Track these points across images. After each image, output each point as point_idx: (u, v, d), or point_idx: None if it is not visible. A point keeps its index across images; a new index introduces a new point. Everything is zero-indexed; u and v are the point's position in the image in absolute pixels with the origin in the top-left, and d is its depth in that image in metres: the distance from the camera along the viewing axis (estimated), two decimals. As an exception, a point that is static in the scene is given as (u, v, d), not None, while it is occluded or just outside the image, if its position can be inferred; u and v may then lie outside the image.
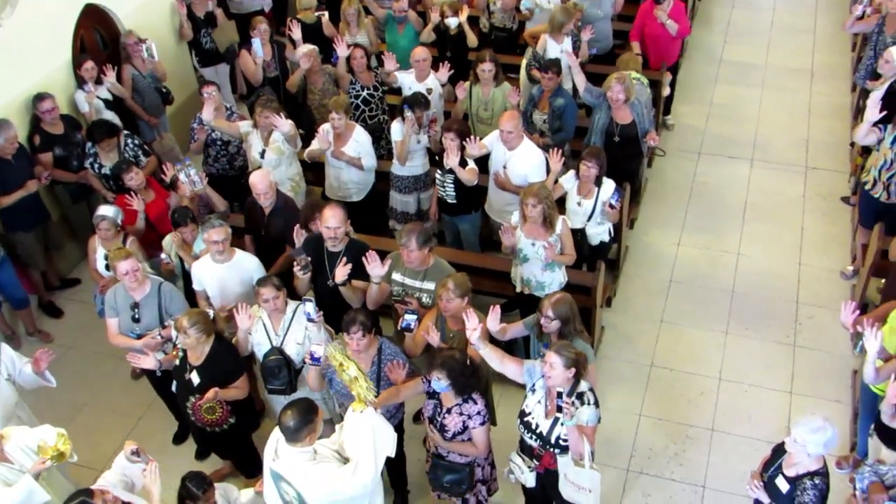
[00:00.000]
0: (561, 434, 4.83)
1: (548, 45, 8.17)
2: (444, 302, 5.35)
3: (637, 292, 7.81)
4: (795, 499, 4.58)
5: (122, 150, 7.44)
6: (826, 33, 11.43)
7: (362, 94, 7.99)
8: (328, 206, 5.94)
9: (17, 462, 4.94)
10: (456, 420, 5.04)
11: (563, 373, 4.72)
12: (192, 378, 5.42)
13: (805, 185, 8.91)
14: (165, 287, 5.95)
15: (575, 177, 6.74)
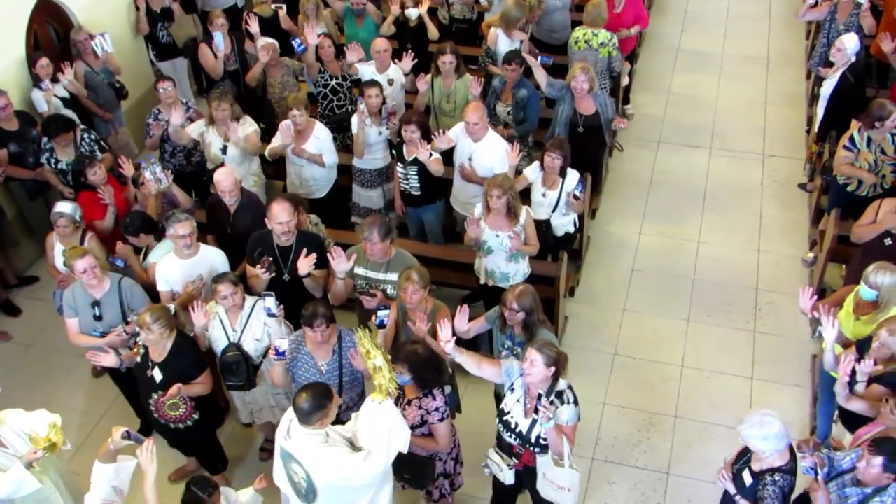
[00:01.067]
0: (541, 433, 4.82)
1: (499, 39, 8.14)
2: (408, 294, 5.33)
3: (600, 282, 7.83)
4: (757, 493, 4.61)
5: (79, 144, 7.30)
6: (781, 21, 11.52)
7: (331, 84, 7.93)
8: (275, 201, 5.84)
9: (11, 447, 4.89)
10: (414, 413, 5.02)
11: (543, 371, 4.70)
12: (154, 375, 5.34)
13: (763, 173, 8.99)
14: (125, 283, 5.85)
15: (539, 168, 6.73)
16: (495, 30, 8.22)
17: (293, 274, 5.88)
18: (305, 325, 5.18)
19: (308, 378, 5.32)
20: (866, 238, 6.18)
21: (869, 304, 5.36)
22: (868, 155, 6.81)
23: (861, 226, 6.27)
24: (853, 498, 4.41)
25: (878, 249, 5.97)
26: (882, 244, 6.07)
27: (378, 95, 7.05)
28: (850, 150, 6.88)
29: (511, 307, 5.21)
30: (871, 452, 4.25)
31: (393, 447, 4.55)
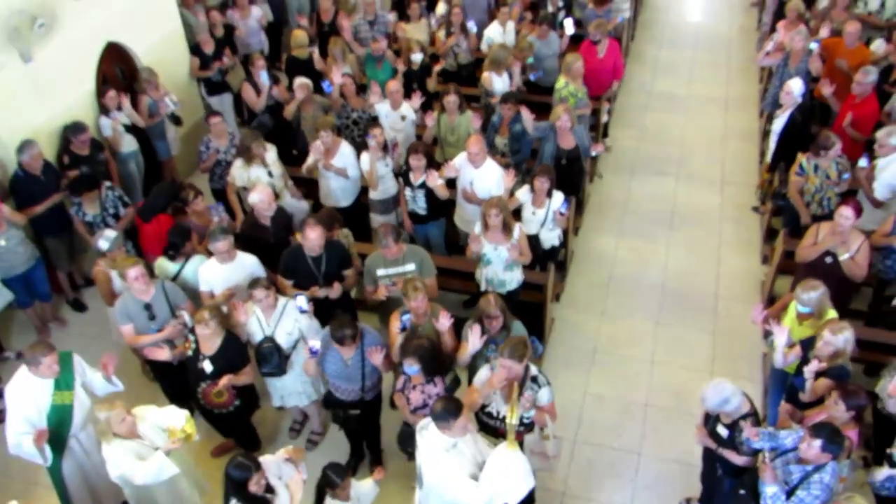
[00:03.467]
0: (524, 415, 4.87)
1: (493, 79, 8.23)
2: (418, 302, 5.35)
3: (582, 289, 7.86)
4: (735, 439, 4.75)
5: (104, 200, 7.07)
6: (738, 69, 11.53)
7: (353, 116, 8.01)
8: (308, 225, 5.95)
9: (148, 439, 4.98)
10: (418, 396, 5.13)
11: (517, 369, 4.79)
12: (204, 366, 5.41)
13: (721, 197, 9.00)
14: (168, 285, 5.94)
15: (529, 190, 6.79)
16: (488, 73, 8.32)
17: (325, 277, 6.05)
18: (336, 344, 5.23)
19: (336, 370, 5.41)
20: (810, 258, 6.14)
21: (806, 315, 5.40)
22: (815, 179, 6.86)
23: (804, 247, 6.24)
24: (796, 474, 4.44)
25: (820, 267, 5.98)
26: (823, 262, 6.06)
27: (382, 134, 7.09)
28: (800, 175, 6.95)
29: (493, 314, 5.26)
30: (811, 435, 4.28)
31: (501, 495, 4.50)
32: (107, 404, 4.87)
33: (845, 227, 5.93)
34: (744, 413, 4.77)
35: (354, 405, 5.59)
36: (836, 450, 4.29)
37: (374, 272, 6.02)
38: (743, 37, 12.39)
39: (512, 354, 4.72)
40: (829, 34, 8.67)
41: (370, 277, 6.07)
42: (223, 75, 9.27)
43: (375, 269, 6.02)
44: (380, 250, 5.98)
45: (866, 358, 6.02)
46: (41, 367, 4.99)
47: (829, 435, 4.27)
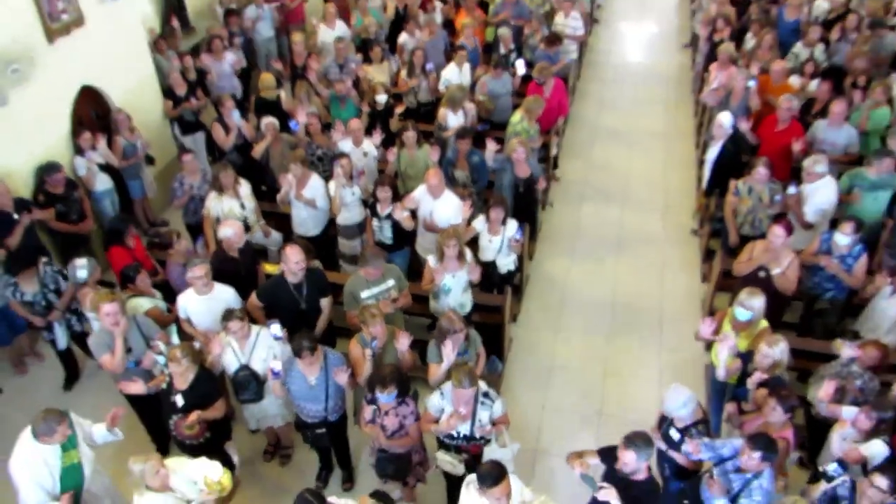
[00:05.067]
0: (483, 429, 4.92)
1: (448, 116, 8.28)
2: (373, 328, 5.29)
3: (538, 310, 7.87)
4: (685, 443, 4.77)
5: (42, 277, 6.39)
6: (674, 104, 11.75)
7: (318, 153, 7.98)
8: (289, 246, 5.92)
9: (180, 492, 4.75)
10: (393, 420, 5.03)
11: (473, 392, 4.80)
12: (176, 400, 5.25)
13: (663, 222, 9.12)
14: (140, 318, 5.79)
15: (485, 220, 6.81)
16: (444, 109, 8.38)
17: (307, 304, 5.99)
18: (295, 356, 5.19)
19: (300, 391, 5.33)
20: (745, 273, 6.28)
21: (743, 323, 5.47)
22: (748, 201, 7.00)
23: (740, 262, 6.38)
24: (737, 482, 4.46)
25: (754, 281, 6.07)
26: (757, 276, 6.18)
27: (348, 164, 7.10)
28: (735, 197, 7.09)
29: (455, 329, 5.25)
30: (751, 448, 4.32)
31: None
32: (142, 456, 4.64)
33: (777, 245, 6.05)
34: (696, 420, 4.82)
35: (320, 425, 5.51)
36: (773, 457, 4.34)
37: (357, 294, 5.96)
38: (678, 75, 12.67)
39: (470, 383, 4.75)
40: (758, 72, 8.91)
41: (353, 301, 5.99)
42: (196, 115, 9.19)
43: (359, 291, 5.96)
44: (360, 272, 5.94)
45: (799, 366, 6.09)
46: (56, 436, 4.75)
47: (766, 445, 4.32)
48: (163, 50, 9.38)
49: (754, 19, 10.28)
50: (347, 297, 6.03)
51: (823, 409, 5.07)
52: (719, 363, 5.39)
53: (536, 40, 10.20)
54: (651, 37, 14.37)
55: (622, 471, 4.41)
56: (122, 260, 6.53)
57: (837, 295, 6.52)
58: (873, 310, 6.25)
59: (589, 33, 13.33)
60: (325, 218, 7.50)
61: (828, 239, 6.36)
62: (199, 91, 9.15)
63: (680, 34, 14.18)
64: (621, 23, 14.93)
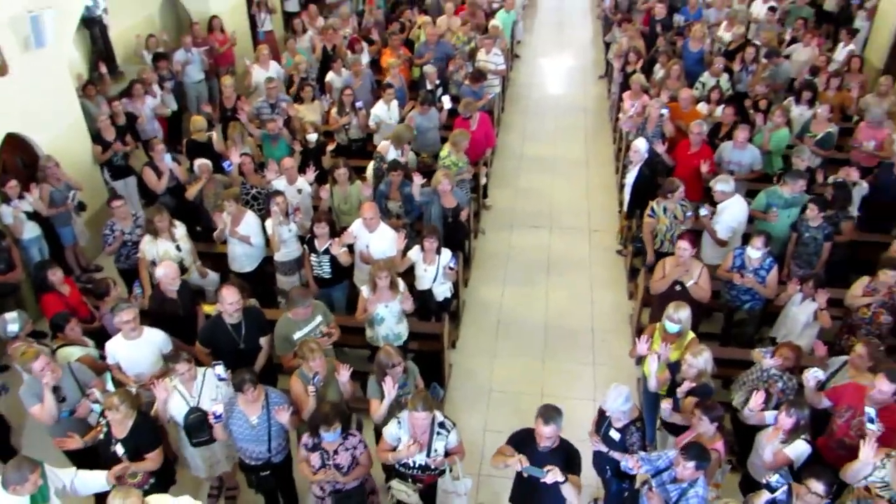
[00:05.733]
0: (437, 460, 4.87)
1: (389, 150, 8.30)
2: (313, 362, 5.20)
3: (475, 335, 7.87)
4: (626, 441, 4.86)
5: None
6: (593, 133, 12.03)
7: (252, 192, 7.85)
8: (224, 287, 5.80)
9: None
10: (346, 457, 4.92)
11: (428, 418, 4.75)
12: (116, 450, 5.00)
13: (589, 244, 9.27)
14: (75, 365, 5.54)
15: (420, 250, 6.81)
16: (386, 143, 8.37)
17: (246, 343, 5.85)
18: (237, 391, 5.04)
19: (241, 433, 5.16)
20: (662, 289, 6.39)
21: (673, 335, 5.60)
22: (665, 220, 7.19)
23: (655, 281, 6.49)
24: (674, 493, 4.51)
25: (671, 296, 6.20)
26: (674, 291, 6.31)
27: (284, 201, 7.03)
28: (652, 217, 7.27)
29: (394, 363, 5.19)
30: (684, 458, 4.38)
31: None
32: (121, 493, 4.38)
33: (685, 258, 6.23)
34: (633, 418, 4.93)
35: (264, 467, 5.33)
36: (705, 465, 4.41)
37: (290, 337, 5.82)
38: (596, 105, 13.01)
39: (425, 407, 4.71)
40: (668, 100, 9.23)
41: (287, 344, 5.86)
42: (126, 160, 8.95)
43: (291, 334, 5.83)
44: (289, 315, 5.81)
45: (723, 374, 6.24)
46: (27, 485, 4.46)
47: (698, 454, 4.40)
48: (91, 95, 9.14)
49: (662, 51, 10.68)
50: (279, 341, 5.90)
51: (752, 417, 5.18)
52: (650, 374, 5.48)
53: (461, 76, 10.34)
54: (568, 70, 14.75)
55: (543, 447, 4.53)
56: (55, 307, 6.26)
57: (754, 306, 6.74)
58: (786, 316, 6.48)
59: (510, 68, 13.61)
60: (259, 254, 7.38)
61: (741, 254, 6.57)
62: (128, 136, 8.90)
63: (595, 67, 14.59)
64: (540, 58, 15.29)
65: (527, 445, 4.64)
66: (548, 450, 4.56)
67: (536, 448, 4.57)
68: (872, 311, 6.16)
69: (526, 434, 4.73)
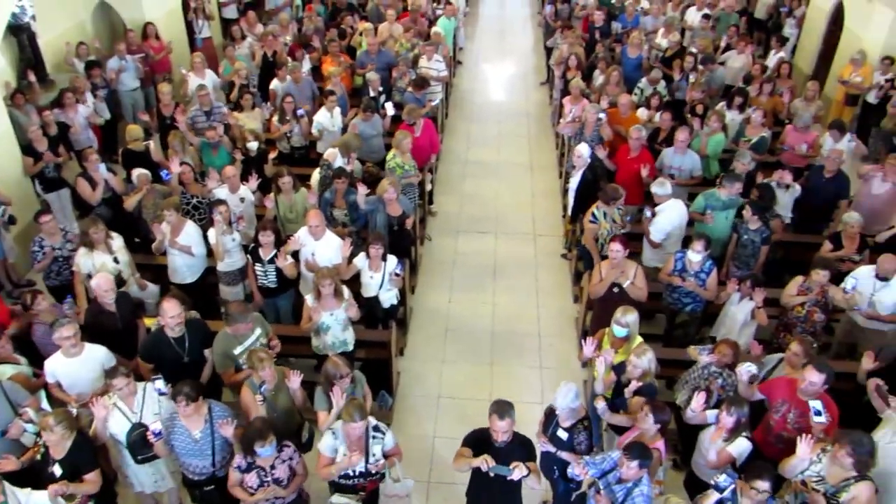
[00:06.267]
0: (378, 465, 4.84)
1: (337, 157, 8.22)
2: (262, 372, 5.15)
3: (423, 342, 7.85)
4: (574, 441, 4.91)
5: None
6: (536, 138, 12.17)
7: (192, 202, 7.68)
8: (165, 300, 5.65)
9: None
10: (284, 469, 4.86)
11: (362, 427, 4.74)
12: (54, 471, 4.80)
13: (535, 248, 9.35)
14: (6, 384, 5.32)
15: (365, 257, 6.76)
16: (334, 150, 8.28)
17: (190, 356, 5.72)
18: (174, 402, 4.93)
19: (184, 447, 5.04)
20: (600, 293, 6.47)
21: (621, 339, 5.66)
22: (605, 225, 7.28)
23: (593, 285, 6.57)
24: (620, 493, 4.56)
25: (610, 298, 6.31)
26: (612, 293, 6.41)
27: (227, 210, 6.91)
28: (593, 223, 7.36)
29: (341, 374, 5.16)
30: (627, 458, 4.44)
31: None
32: None
33: (619, 259, 6.34)
34: (581, 417, 5.01)
35: (208, 482, 5.21)
36: (648, 463, 4.48)
37: (230, 353, 5.72)
38: (538, 111, 13.16)
39: (361, 416, 4.71)
40: (608, 106, 9.39)
41: (227, 360, 5.75)
42: (58, 171, 8.64)
43: (231, 349, 5.72)
44: (228, 331, 5.71)
45: (666, 374, 6.35)
46: None
47: (640, 453, 4.46)
48: (20, 105, 8.81)
49: (601, 57, 10.87)
50: (219, 358, 5.78)
51: (694, 418, 5.28)
52: (598, 377, 5.54)
53: (404, 83, 10.33)
54: (510, 76, 14.89)
55: (501, 441, 4.58)
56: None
57: (696, 308, 6.89)
58: (725, 315, 6.65)
59: (453, 75, 13.67)
60: (201, 265, 7.23)
61: (682, 258, 6.71)
62: (60, 146, 8.60)
63: (537, 73, 14.78)
64: (483, 64, 15.41)
65: (483, 444, 4.69)
66: (505, 444, 4.62)
67: (493, 444, 4.63)
68: (806, 310, 6.37)
69: (480, 433, 4.78)
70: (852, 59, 10.86)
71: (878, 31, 10.89)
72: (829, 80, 12.00)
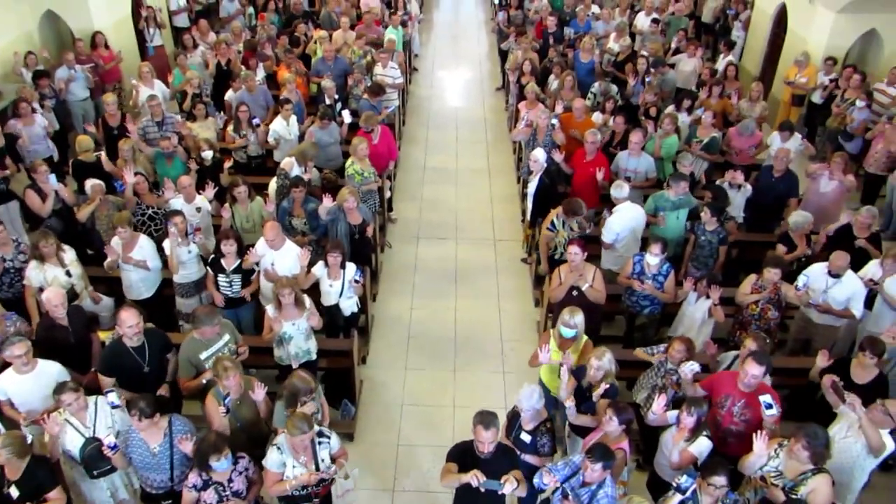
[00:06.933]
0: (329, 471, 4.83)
1: (294, 167, 8.14)
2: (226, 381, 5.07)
3: (385, 349, 7.79)
4: (537, 443, 4.93)
5: None
6: (493, 144, 12.21)
7: (147, 212, 7.53)
8: (123, 309, 5.54)
9: None
10: (241, 481, 4.78)
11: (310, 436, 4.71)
12: (11, 492, 4.65)
13: (495, 253, 9.37)
14: None
15: (324, 265, 6.69)
16: (290, 159, 8.19)
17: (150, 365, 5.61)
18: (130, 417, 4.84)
19: (141, 460, 4.94)
20: (560, 297, 6.51)
21: (569, 340, 5.67)
22: (563, 233, 7.33)
23: (553, 289, 6.61)
24: (585, 496, 4.57)
25: (570, 301, 6.33)
26: (571, 297, 6.45)
27: (182, 222, 6.78)
28: (551, 231, 7.41)
29: (312, 388, 5.12)
30: (591, 461, 4.44)
31: None
32: None
33: (577, 262, 6.39)
34: (543, 420, 5.03)
35: (166, 496, 5.09)
36: (611, 464, 4.50)
37: (196, 358, 5.62)
38: (495, 116, 13.22)
39: (309, 426, 4.67)
40: (563, 110, 9.47)
41: (191, 366, 5.65)
42: (6, 183, 8.38)
43: (197, 354, 5.63)
44: (195, 335, 5.63)
45: (626, 375, 6.40)
46: None
47: (603, 455, 4.48)
48: (-36, 117, 8.53)
49: (556, 62, 10.97)
50: (184, 364, 5.68)
51: (655, 420, 5.32)
52: (560, 384, 5.51)
53: (360, 90, 10.27)
54: (466, 82, 14.94)
55: (487, 453, 4.55)
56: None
57: (654, 310, 6.98)
58: (683, 315, 6.74)
59: (409, 81, 13.65)
60: (157, 279, 7.08)
61: (640, 261, 6.78)
62: (7, 158, 8.34)
63: (492, 79, 14.86)
64: (439, 71, 15.43)
65: (468, 456, 4.65)
66: (490, 455, 4.58)
67: (479, 457, 4.60)
68: (760, 308, 6.50)
69: (464, 446, 4.74)
70: (796, 60, 11.15)
71: (820, 32, 11.22)
72: (775, 82, 12.31)
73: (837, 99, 10.41)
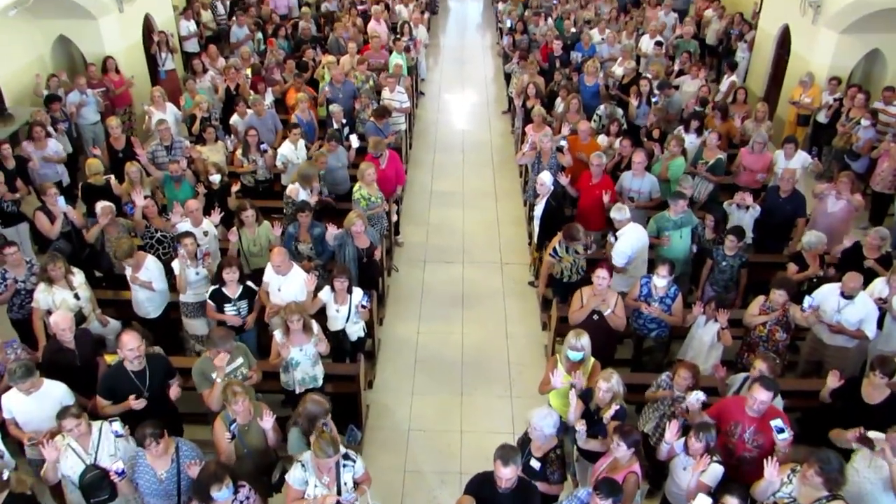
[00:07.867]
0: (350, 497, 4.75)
1: (299, 191, 8.15)
2: (235, 406, 5.04)
3: (392, 374, 7.72)
4: (547, 470, 4.83)
5: None
6: (500, 167, 12.20)
7: (156, 236, 7.56)
8: (124, 332, 5.53)
9: None
10: None
11: (334, 460, 4.65)
12: None
13: (502, 276, 9.31)
14: None
15: (331, 290, 6.66)
16: (295, 185, 8.21)
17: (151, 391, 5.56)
18: (139, 446, 4.79)
19: (149, 487, 4.86)
20: (581, 319, 6.43)
21: (577, 363, 5.60)
22: (568, 259, 7.31)
23: (574, 311, 6.54)
24: None
25: (589, 324, 6.26)
26: (591, 320, 6.38)
27: (192, 243, 6.82)
28: (553, 257, 7.37)
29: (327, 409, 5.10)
30: (600, 497, 4.36)
31: None
32: None
33: (603, 286, 6.33)
34: (553, 447, 4.94)
35: None
36: (620, 498, 4.41)
37: (209, 376, 5.62)
38: (501, 140, 13.24)
39: (335, 450, 4.64)
40: (569, 133, 9.47)
41: (205, 381, 5.64)
42: (17, 205, 8.43)
43: (210, 371, 5.64)
44: (207, 354, 5.62)
45: (635, 399, 6.31)
46: None
47: (610, 490, 4.39)
48: (-25, 139, 8.61)
49: (562, 85, 10.99)
50: (199, 378, 5.67)
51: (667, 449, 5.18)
52: (571, 407, 5.44)
53: (367, 115, 10.31)
54: (472, 106, 14.98)
55: (504, 488, 4.44)
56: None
57: (661, 333, 6.91)
58: (692, 338, 6.66)
59: (416, 105, 13.70)
60: (163, 300, 7.08)
61: (647, 283, 6.73)
62: (18, 180, 8.40)
63: (498, 102, 14.90)
64: (445, 94, 15.49)
65: (486, 490, 4.54)
66: (509, 490, 4.48)
67: (497, 491, 4.49)
68: (768, 329, 6.42)
69: (483, 478, 4.64)
70: (801, 80, 11.16)
71: (824, 53, 11.22)
72: (780, 102, 12.30)
73: (842, 118, 10.38)
